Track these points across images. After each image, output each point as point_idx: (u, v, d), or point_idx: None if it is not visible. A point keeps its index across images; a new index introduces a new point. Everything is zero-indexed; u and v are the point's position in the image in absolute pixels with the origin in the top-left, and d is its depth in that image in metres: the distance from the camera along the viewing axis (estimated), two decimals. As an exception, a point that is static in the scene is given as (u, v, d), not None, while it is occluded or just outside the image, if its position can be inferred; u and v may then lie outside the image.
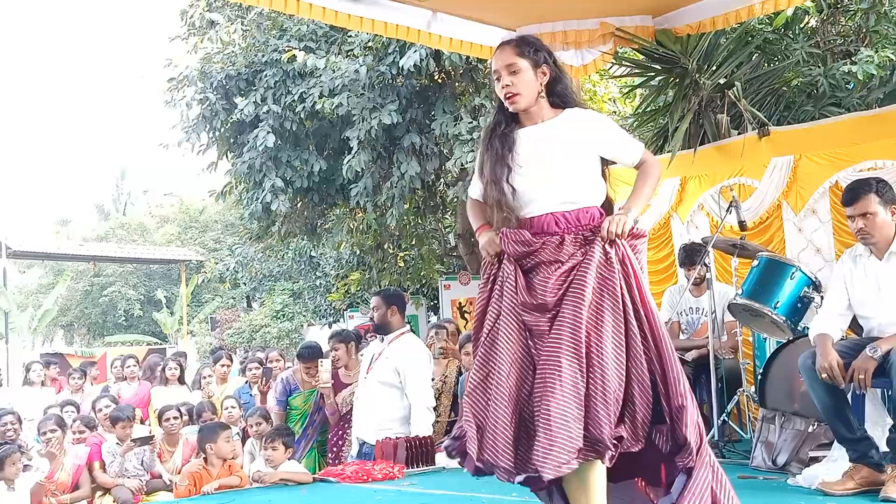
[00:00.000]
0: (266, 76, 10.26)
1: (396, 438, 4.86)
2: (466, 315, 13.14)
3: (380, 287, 13.09)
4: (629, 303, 2.67)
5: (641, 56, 6.87)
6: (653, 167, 2.93)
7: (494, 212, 2.93)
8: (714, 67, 6.75)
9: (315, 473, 5.07)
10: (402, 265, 14.09)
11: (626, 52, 7.09)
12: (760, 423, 4.53)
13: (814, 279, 4.66)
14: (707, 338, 5.18)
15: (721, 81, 6.63)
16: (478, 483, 3.08)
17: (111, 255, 25.98)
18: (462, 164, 9.06)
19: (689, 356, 5.42)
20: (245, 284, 22.09)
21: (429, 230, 13.24)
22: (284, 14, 9.44)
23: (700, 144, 6.56)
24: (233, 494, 4.72)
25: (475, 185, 3.04)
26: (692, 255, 5.57)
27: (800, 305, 4.63)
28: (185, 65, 11.00)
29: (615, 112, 11.33)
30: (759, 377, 4.87)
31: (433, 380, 5.53)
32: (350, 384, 5.70)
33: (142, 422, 7.31)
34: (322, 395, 5.70)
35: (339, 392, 5.72)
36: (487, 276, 2.88)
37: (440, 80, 9.87)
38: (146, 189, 37.98)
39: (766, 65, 7.48)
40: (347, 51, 10.04)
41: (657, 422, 2.63)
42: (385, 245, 13.39)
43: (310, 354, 5.98)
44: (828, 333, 3.74)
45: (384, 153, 10.19)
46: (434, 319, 14.28)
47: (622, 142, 2.92)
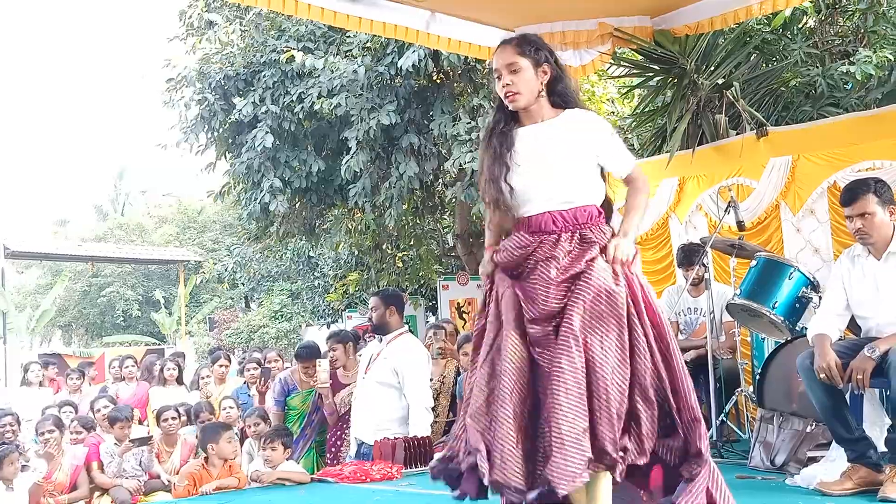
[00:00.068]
0: (264, 76, 10.25)
1: (395, 439, 4.85)
2: (465, 315, 13.16)
3: (378, 287, 13.10)
4: (634, 315, 2.66)
5: (640, 56, 6.87)
6: (644, 184, 2.93)
7: (492, 210, 2.93)
8: (712, 68, 6.75)
9: (313, 474, 5.06)
10: (401, 265, 14.09)
11: (625, 53, 7.09)
12: (759, 424, 4.53)
13: (812, 279, 4.66)
14: (705, 338, 5.18)
15: (719, 82, 6.64)
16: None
17: (109, 256, 25.95)
18: (460, 165, 9.05)
19: (688, 356, 5.41)
20: (243, 285, 22.11)
21: (427, 230, 13.24)
22: (283, 14, 9.44)
23: (698, 145, 6.56)
24: (231, 495, 4.72)
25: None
26: (690, 256, 5.58)
27: (798, 305, 4.63)
28: (184, 65, 11.00)
29: (613, 112, 11.33)
30: (758, 377, 4.87)
31: (431, 380, 5.53)
32: (348, 384, 5.70)
33: (140, 422, 7.32)
34: (320, 396, 5.70)
35: (338, 392, 5.72)
36: (484, 298, 2.89)
37: (439, 81, 9.86)
38: (144, 189, 38.11)
39: (765, 65, 7.48)
40: (346, 51, 10.04)
41: (665, 436, 2.63)
42: (383, 245, 13.39)
43: (308, 354, 5.97)
44: (826, 333, 3.74)
45: (382, 153, 10.18)
46: (432, 320, 14.29)
47: (617, 151, 2.91)
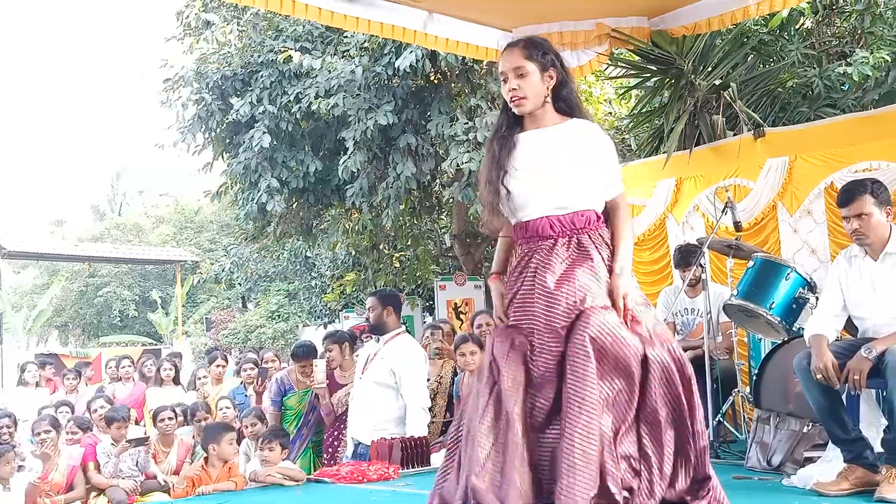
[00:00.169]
0: (262, 77, 10.24)
1: (392, 439, 4.85)
2: (462, 316, 13.14)
3: (375, 288, 13.09)
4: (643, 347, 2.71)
5: (637, 57, 6.88)
6: (628, 213, 2.95)
7: (489, 214, 2.93)
8: (709, 68, 6.76)
9: (310, 474, 5.06)
10: (398, 266, 14.08)
11: (622, 54, 7.09)
12: (755, 424, 4.54)
13: (809, 280, 4.67)
14: (702, 338, 5.18)
15: (716, 82, 6.65)
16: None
17: (106, 256, 25.93)
18: (458, 165, 9.05)
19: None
20: (240, 285, 22.10)
21: (424, 231, 13.23)
22: (280, 15, 9.44)
23: (695, 145, 6.57)
24: (228, 495, 4.72)
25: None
26: (687, 256, 5.58)
27: (795, 306, 4.64)
28: (181, 65, 10.98)
29: (611, 113, 11.35)
30: (754, 378, 4.87)
31: (428, 380, 5.52)
32: (345, 385, 5.69)
33: (136, 422, 7.30)
34: (317, 395, 5.69)
35: (335, 393, 5.71)
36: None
37: (436, 81, 9.86)
38: (142, 189, 38.04)
39: (762, 66, 7.49)
40: (343, 51, 10.03)
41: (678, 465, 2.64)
42: (380, 246, 13.38)
43: (304, 353, 5.96)
44: (823, 334, 3.74)
45: (380, 154, 10.18)
46: (429, 320, 14.28)
47: (611, 172, 2.89)
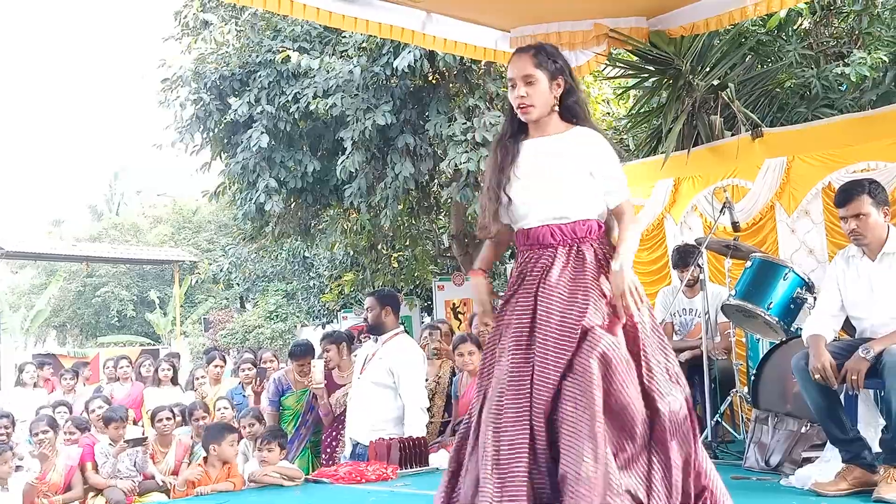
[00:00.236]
0: (260, 77, 10.23)
1: (390, 439, 4.85)
2: (460, 316, 13.15)
3: (373, 288, 13.10)
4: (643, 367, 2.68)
5: (635, 57, 6.89)
6: (633, 219, 2.90)
7: (490, 220, 2.92)
8: (707, 69, 6.76)
9: (308, 474, 5.06)
10: (396, 266, 14.08)
11: (620, 54, 7.10)
12: (753, 424, 4.54)
13: (807, 280, 4.68)
14: (700, 339, 5.18)
15: (714, 83, 6.65)
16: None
17: (104, 256, 25.85)
18: (456, 165, 9.04)
19: (683, 357, 5.42)
20: (238, 285, 22.07)
21: (423, 231, 13.22)
22: (278, 15, 9.43)
23: (693, 146, 6.58)
24: (227, 495, 4.72)
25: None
26: (686, 257, 5.58)
27: (793, 306, 4.65)
28: (179, 65, 10.97)
29: (609, 114, 11.34)
30: (753, 378, 4.88)
31: (427, 381, 5.52)
32: (344, 385, 5.69)
33: (134, 423, 7.29)
34: (315, 395, 5.69)
35: (333, 393, 5.71)
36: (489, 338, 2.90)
37: (434, 81, 9.85)
38: (139, 189, 38.00)
39: (760, 66, 7.50)
40: (341, 51, 10.02)
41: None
42: (379, 246, 13.37)
43: (301, 352, 5.96)
44: (821, 334, 3.74)
45: (378, 154, 10.17)
46: (428, 320, 14.29)
47: (616, 180, 2.86)
